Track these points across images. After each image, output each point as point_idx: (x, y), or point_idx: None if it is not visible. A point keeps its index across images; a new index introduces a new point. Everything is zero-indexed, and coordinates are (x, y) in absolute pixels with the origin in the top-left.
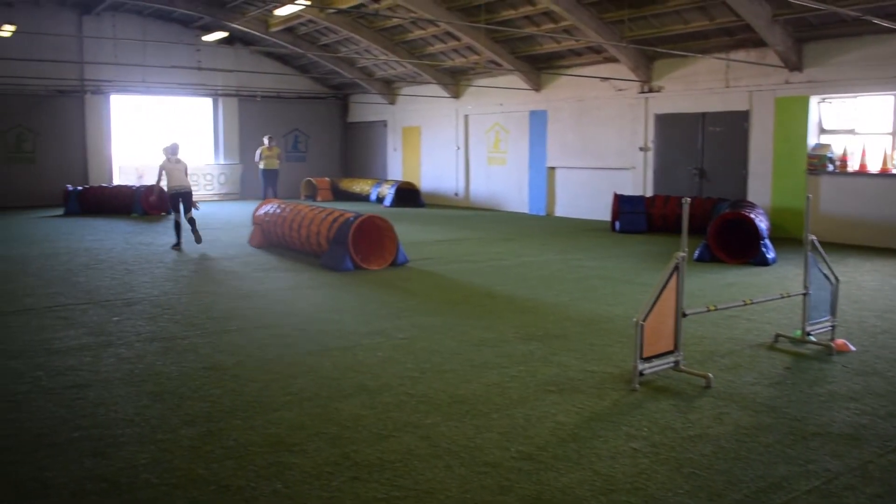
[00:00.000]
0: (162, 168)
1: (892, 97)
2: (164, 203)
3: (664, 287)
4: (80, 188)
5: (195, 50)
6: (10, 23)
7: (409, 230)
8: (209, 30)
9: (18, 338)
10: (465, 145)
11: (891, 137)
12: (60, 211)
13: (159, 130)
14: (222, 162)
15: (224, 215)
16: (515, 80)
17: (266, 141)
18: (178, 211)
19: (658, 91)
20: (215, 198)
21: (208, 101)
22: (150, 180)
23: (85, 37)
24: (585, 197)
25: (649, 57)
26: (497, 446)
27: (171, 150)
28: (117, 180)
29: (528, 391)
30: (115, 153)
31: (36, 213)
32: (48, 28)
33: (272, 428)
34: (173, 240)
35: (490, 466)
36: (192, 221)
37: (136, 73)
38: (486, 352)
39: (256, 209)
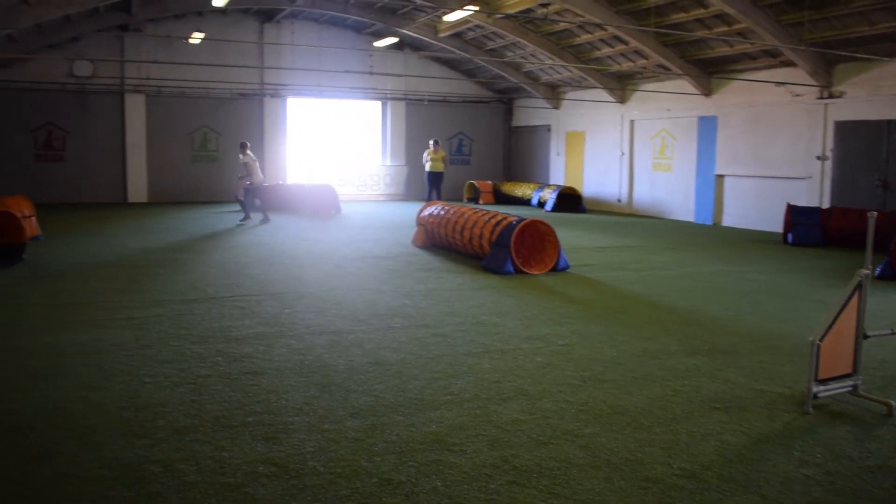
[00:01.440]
0: (250, 164)
1: None
2: (334, 201)
3: (844, 306)
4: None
5: (367, 55)
6: (200, 31)
7: (570, 235)
8: (381, 36)
9: (201, 324)
10: (630, 151)
11: None
12: (238, 206)
13: (330, 132)
14: (388, 164)
15: (388, 216)
16: (684, 84)
17: (431, 144)
18: (253, 200)
19: (839, 97)
20: (381, 198)
21: (377, 105)
22: (320, 181)
23: (265, 43)
24: (755, 207)
25: (829, 61)
26: (659, 461)
27: (247, 147)
28: (291, 179)
29: (693, 407)
30: (289, 153)
31: (217, 209)
32: (232, 35)
33: (433, 426)
34: (265, 221)
35: (651, 482)
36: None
37: (311, 77)
38: (649, 363)
39: (420, 210)
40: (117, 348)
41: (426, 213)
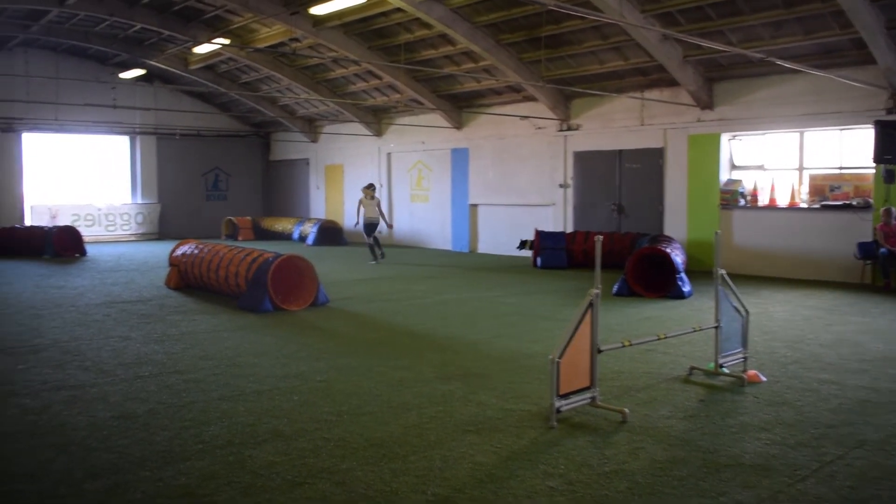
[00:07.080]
0: (360, 203)
1: (798, 134)
2: (78, 244)
3: (579, 324)
4: None
5: (110, 87)
6: None
7: (330, 269)
8: (126, 67)
9: None
10: (388, 183)
11: (797, 173)
12: None
13: (74, 169)
14: (140, 201)
15: (141, 256)
16: (437, 118)
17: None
18: (370, 236)
19: (576, 129)
20: (133, 238)
21: (125, 140)
22: (63, 222)
23: None
24: (507, 233)
25: (567, 96)
26: (413, 489)
27: (371, 188)
28: (29, 221)
29: (447, 432)
30: (26, 193)
31: None
32: None
33: (182, 478)
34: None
35: None
36: (377, 240)
37: (48, 111)
38: (405, 393)
39: (173, 250)
40: None
41: (179, 252)
